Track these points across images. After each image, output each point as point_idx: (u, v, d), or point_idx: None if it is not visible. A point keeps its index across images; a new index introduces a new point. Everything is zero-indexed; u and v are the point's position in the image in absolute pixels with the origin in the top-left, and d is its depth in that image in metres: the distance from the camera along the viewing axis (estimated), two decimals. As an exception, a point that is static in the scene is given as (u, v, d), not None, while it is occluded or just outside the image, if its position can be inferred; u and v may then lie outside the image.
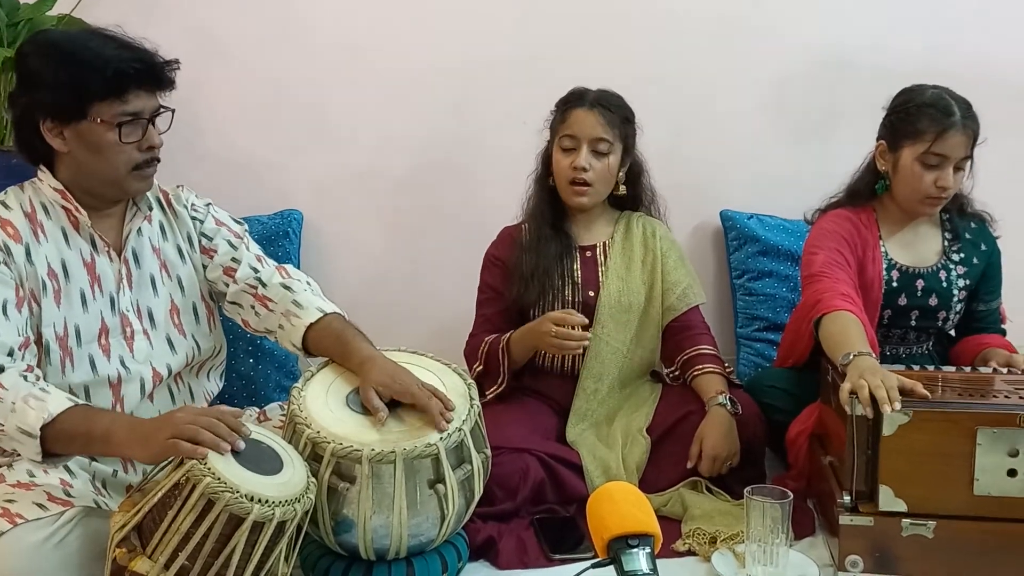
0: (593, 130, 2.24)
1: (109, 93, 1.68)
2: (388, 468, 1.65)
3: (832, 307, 2.06)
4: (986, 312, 2.33)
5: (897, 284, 2.26)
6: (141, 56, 1.72)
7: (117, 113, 1.70)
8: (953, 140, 2.11)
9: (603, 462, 2.15)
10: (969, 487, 1.76)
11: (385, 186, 2.85)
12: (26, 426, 1.56)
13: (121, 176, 1.75)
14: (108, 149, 1.71)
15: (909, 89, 2.23)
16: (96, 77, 1.67)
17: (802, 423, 2.19)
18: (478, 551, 1.94)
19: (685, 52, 2.83)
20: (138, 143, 1.74)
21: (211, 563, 1.49)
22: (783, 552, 1.77)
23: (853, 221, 2.27)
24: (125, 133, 1.71)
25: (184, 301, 1.92)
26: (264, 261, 1.98)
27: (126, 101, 1.70)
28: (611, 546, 1.42)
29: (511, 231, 2.40)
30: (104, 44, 1.71)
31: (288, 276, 1.96)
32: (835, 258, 2.19)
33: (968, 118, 2.13)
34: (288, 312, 1.91)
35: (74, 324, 1.76)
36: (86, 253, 1.80)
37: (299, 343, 1.89)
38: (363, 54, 2.78)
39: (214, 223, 1.97)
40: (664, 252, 2.36)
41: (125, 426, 1.59)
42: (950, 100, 2.14)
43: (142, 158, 1.75)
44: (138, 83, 1.71)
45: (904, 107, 2.20)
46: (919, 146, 2.14)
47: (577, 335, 2.12)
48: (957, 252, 2.29)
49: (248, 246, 1.98)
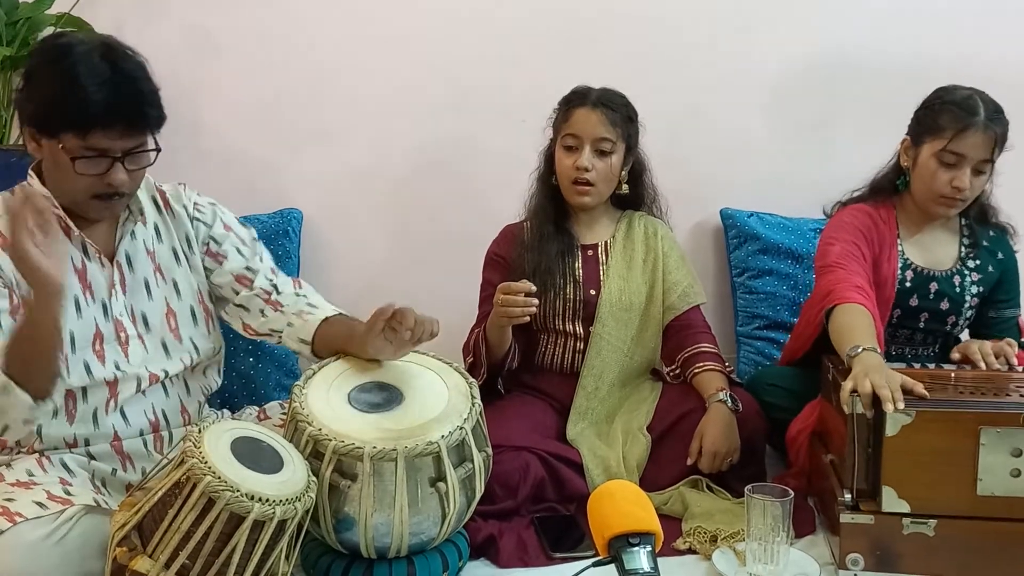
0: (596, 130, 2.24)
1: (72, 127, 1.65)
2: (389, 466, 1.65)
3: (845, 298, 2.05)
4: (998, 320, 2.31)
5: (911, 284, 2.25)
6: (120, 98, 1.66)
7: (78, 147, 1.66)
8: (972, 139, 2.09)
9: (603, 461, 2.15)
10: (972, 487, 1.76)
11: (385, 185, 2.84)
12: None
13: (80, 200, 1.73)
14: (68, 172, 1.68)
15: (943, 87, 2.20)
16: (66, 107, 1.64)
17: (803, 421, 2.19)
18: (479, 549, 1.93)
19: (685, 51, 2.82)
20: (99, 177, 1.69)
21: (212, 562, 1.49)
22: (784, 550, 1.77)
23: (872, 217, 2.25)
24: (79, 166, 1.67)
25: (180, 304, 1.91)
26: (278, 274, 2.01)
27: (88, 140, 1.65)
28: (612, 544, 1.42)
29: (513, 229, 2.40)
30: (93, 74, 1.64)
31: (300, 288, 2.01)
32: (851, 250, 2.18)
33: (993, 121, 2.09)
34: (301, 312, 1.93)
35: (68, 330, 1.75)
36: (77, 260, 1.79)
37: (309, 337, 1.90)
38: (363, 53, 2.77)
39: (223, 227, 1.96)
40: (665, 252, 2.36)
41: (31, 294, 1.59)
42: (978, 101, 2.11)
43: (103, 191, 1.71)
44: (104, 126, 1.65)
45: (931, 103, 2.18)
46: (938, 142, 2.12)
47: (521, 300, 2.09)
48: (973, 259, 2.27)
49: (262, 256, 1.99)
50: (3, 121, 2.56)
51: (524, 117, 2.41)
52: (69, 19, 2.55)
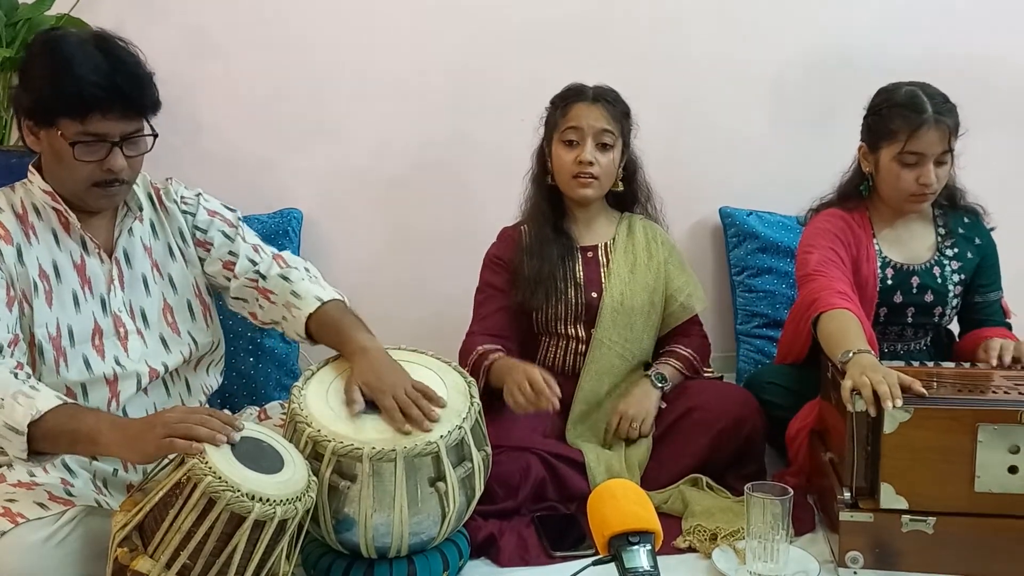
0: (598, 122, 2.24)
1: (70, 112, 1.66)
2: (389, 466, 1.65)
3: (830, 305, 2.06)
4: (984, 304, 2.33)
5: (892, 281, 2.26)
6: (118, 79, 1.67)
7: (76, 132, 1.67)
8: (927, 137, 2.11)
9: (606, 460, 2.15)
10: (970, 484, 1.77)
11: (385, 184, 2.85)
12: (13, 423, 1.54)
13: (80, 190, 1.74)
14: (68, 161, 1.69)
15: (884, 89, 2.23)
16: (63, 93, 1.65)
17: (802, 419, 2.19)
18: (479, 549, 1.94)
19: (684, 49, 2.83)
20: (98, 163, 1.71)
21: (212, 562, 1.49)
22: (783, 548, 1.77)
23: (846, 219, 2.27)
24: (79, 152, 1.68)
25: (177, 299, 1.91)
26: (261, 251, 1.97)
27: (86, 124, 1.66)
28: (612, 543, 1.42)
29: (511, 232, 2.38)
30: (88, 60, 1.66)
31: (286, 265, 1.96)
32: (830, 256, 2.19)
33: (942, 113, 2.12)
34: (288, 304, 1.91)
35: (67, 325, 1.75)
36: (76, 255, 1.79)
37: (303, 334, 1.90)
38: (362, 52, 2.77)
39: (206, 214, 1.95)
40: (666, 258, 2.36)
41: (112, 426, 1.57)
42: (923, 98, 2.13)
43: (102, 178, 1.72)
44: (103, 109, 1.66)
45: (878, 108, 2.21)
46: (895, 146, 2.15)
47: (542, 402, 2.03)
48: (951, 247, 2.29)
49: (244, 236, 1.97)
50: (3, 122, 2.56)
51: (523, 116, 2.42)
52: (69, 20, 2.55)
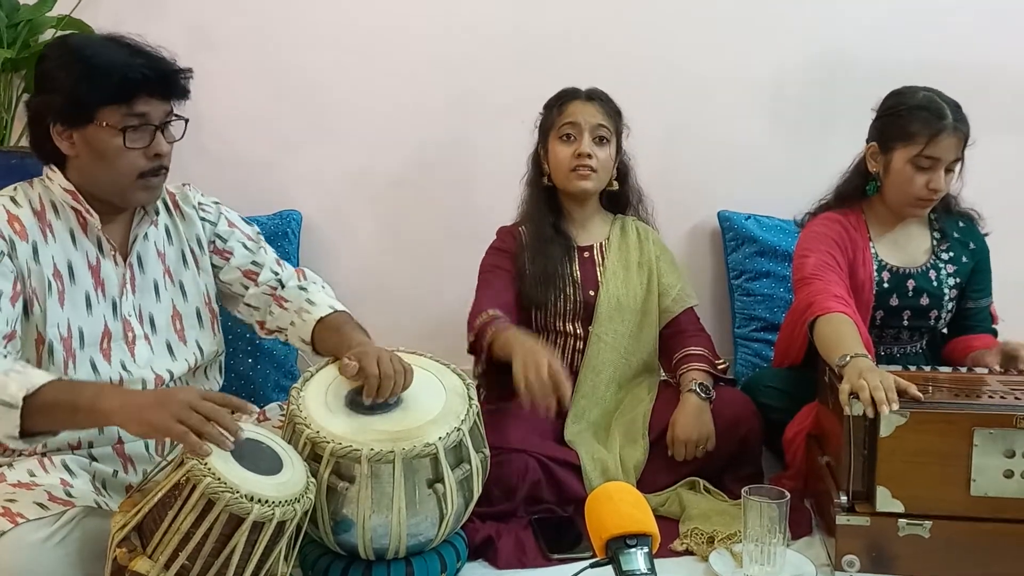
0: (594, 117, 2.29)
1: (115, 97, 1.67)
2: (387, 468, 1.66)
3: (826, 309, 2.07)
4: (975, 310, 2.34)
5: (888, 285, 2.27)
6: (152, 63, 1.71)
7: (123, 116, 1.69)
8: (945, 143, 2.12)
9: (601, 463, 2.16)
10: (966, 488, 1.77)
11: (384, 185, 2.85)
12: (8, 396, 1.51)
13: (125, 185, 1.74)
14: (113, 155, 1.70)
15: (899, 91, 2.23)
16: (104, 81, 1.67)
17: (799, 423, 2.20)
18: (477, 551, 1.94)
19: (683, 52, 2.84)
20: (144, 149, 1.72)
21: (211, 563, 1.49)
22: (780, 552, 1.78)
23: (842, 223, 2.28)
24: (130, 138, 1.70)
25: (186, 307, 1.91)
26: (283, 265, 2.02)
27: (132, 106, 1.69)
28: (609, 546, 1.42)
29: (510, 229, 2.42)
30: (117, 50, 1.70)
31: (304, 279, 2.01)
32: (826, 260, 2.20)
33: (959, 120, 2.14)
34: (301, 309, 1.94)
35: (78, 326, 1.76)
36: (92, 256, 1.79)
37: (308, 337, 1.92)
38: (362, 52, 2.78)
39: (227, 224, 1.98)
40: (658, 256, 2.41)
41: (115, 395, 1.55)
42: (942, 103, 2.14)
43: (148, 166, 1.74)
44: (147, 89, 1.69)
45: (895, 110, 2.20)
46: (911, 149, 2.15)
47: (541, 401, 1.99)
48: (946, 251, 2.30)
49: (266, 250, 2.01)
50: (4, 123, 2.56)
51: (523, 118, 2.43)
52: (70, 21, 2.56)
